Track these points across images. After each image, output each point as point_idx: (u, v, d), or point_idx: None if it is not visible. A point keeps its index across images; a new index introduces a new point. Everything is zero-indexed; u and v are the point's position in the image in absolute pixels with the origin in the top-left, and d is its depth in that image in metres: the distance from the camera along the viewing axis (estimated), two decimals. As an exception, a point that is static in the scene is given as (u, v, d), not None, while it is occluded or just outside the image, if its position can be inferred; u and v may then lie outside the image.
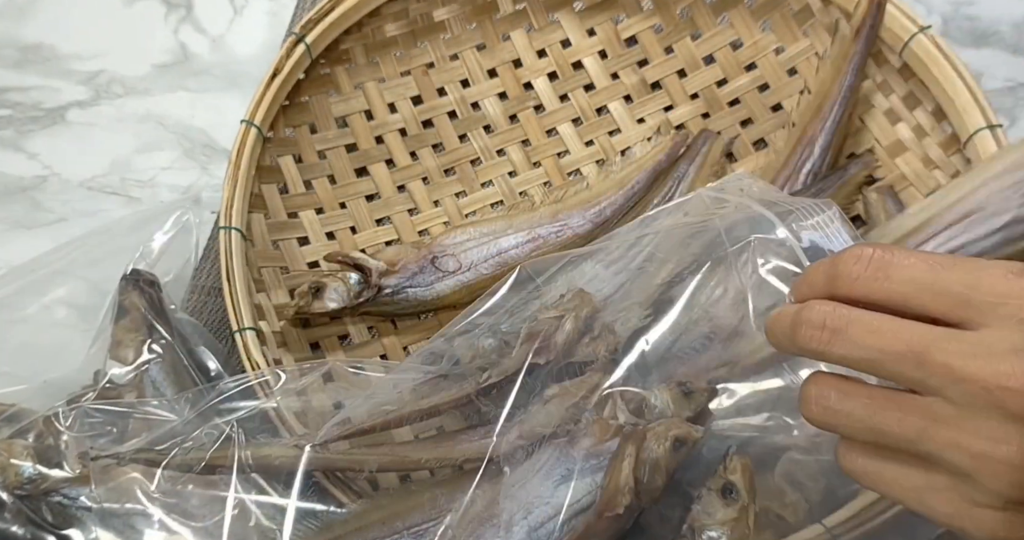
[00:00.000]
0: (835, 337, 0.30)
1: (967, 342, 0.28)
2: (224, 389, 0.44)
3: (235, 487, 0.42)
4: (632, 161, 0.56)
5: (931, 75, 0.51)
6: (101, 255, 0.55)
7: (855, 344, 0.30)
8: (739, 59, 0.59)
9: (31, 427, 0.45)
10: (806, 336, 0.31)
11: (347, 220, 0.56)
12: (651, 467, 0.37)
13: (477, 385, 0.41)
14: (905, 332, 0.29)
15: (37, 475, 0.44)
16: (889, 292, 0.30)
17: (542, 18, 0.61)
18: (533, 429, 0.39)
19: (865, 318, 0.30)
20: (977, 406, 0.27)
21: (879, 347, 0.29)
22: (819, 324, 0.30)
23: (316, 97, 0.57)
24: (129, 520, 0.43)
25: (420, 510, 0.40)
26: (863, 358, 0.30)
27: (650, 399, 0.39)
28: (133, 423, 0.44)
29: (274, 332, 0.50)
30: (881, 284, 0.30)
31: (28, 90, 0.62)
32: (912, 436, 0.29)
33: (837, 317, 0.30)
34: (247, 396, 0.44)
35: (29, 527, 0.44)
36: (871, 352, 0.29)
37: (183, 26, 0.65)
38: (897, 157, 0.55)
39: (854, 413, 0.30)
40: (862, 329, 0.30)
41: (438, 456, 0.40)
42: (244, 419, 0.44)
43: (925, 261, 0.30)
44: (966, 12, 0.63)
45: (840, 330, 0.30)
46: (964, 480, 0.28)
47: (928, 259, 0.30)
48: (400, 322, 0.54)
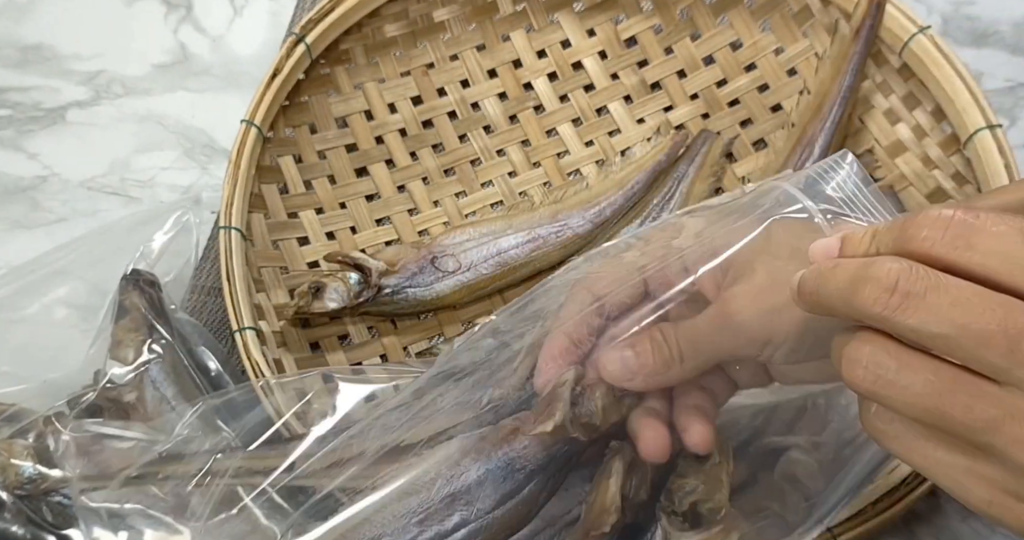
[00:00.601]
0: (908, 302, 0.25)
1: None
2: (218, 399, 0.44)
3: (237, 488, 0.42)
4: (632, 161, 0.56)
5: (931, 75, 0.51)
6: (101, 255, 0.55)
7: (934, 315, 0.25)
8: (739, 59, 0.59)
9: (31, 427, 0.45)
10: (870, 297, 0.25)
11: (347, 220, 0.56)
12: (637, 481, 0.35)
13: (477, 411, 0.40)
14: (998, 310, 0.24)
15: (37, 475, 0.44)
16: (971, 263, 0.25)
17: (542, 19, 0.61)
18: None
19: (951, 285, 0.25)
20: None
21: (964, 322, 0.24)
22: (889, 285, 0.25)
23: (316, 97, 0.57)
24: (128, 519, 0.43)
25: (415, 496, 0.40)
26: (940, 333, 0.25)
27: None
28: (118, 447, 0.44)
29: (274, 332, 0.50)
30: (962, 253, 0.25)
31: (28, 90, 0.62)
32: (979, 427, 0.25)
33: (916, 279, 0.25)
34: (247, 402, 0.44)
35: (29, 527, 0.44)
36: (952, 327, 0.24)
37: (183, 26, 0.65)
38: (897, 157, 0.55)
39: (912, 388, 0.26)
40: (945, 298, 0.25)
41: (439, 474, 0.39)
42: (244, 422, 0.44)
43: (1020, 230, 0.25)
44: (966, 12, 0.63)
45: (916, 295, 0.25)
46: (1019, 476, 0.25)
47: (1019, 224, 0.25)
48: (400, 322, 0.54)
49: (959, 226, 0.25)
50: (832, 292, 0.27)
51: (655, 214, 0.54)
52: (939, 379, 0.25)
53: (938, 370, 0.25)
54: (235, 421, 0.44)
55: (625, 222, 0.54)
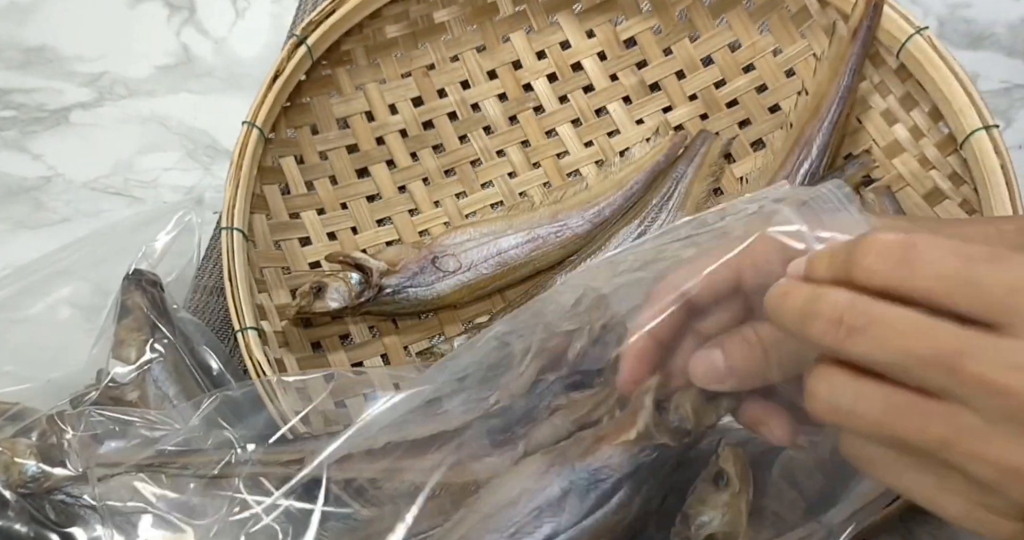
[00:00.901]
0: (853, 335, 0.27)
1: (1005, 351, 0.25)
2: (227, 396, 0.44)
3: (239, 486, 0.42)
4: (631, 162, 0.56)
5: (928, 76, 0.52)
6: (104, 255, 0.55)
7: (877, 345, 0.27)
8: (737, 60, 0.60)
9: (35, 426, 0.46)
10: (819, 330, 0.28)
11: (348, 220, 0.57)
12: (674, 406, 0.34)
13: (484, 411, 0.40)
14: (935, 334, 0.26)
15: (41, 474, 0.44)
16: (914, 287, 0.27)
17: (542, 20, 0.61)
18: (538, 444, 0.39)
19: (889, 316, 0.27)
20: (1010, 420, 0.25)
21: (904, 350, 0.26)
22: (835, 319, 0.27)
23: (317, 98, 0.58)
24: (131, 518, 0.43)
25: (426, 517, 0.40)
26: (885, 361, 0.27)
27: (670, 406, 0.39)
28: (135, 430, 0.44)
29: (276, 332, 0.51)
30: (905, 279, 0.27)
31: (32, 92, 0.63)
32: (933, 446, 0.26)
33: (857, 313, 0.27)
34: (252, 402, 0.45)
35: (32, 525, 0.44)
36: (895, 355, 0.26)
37: (186, 28, 0.65)
38: (894, 157, 0.55)
39: (868, 416, 0.27)
40: (885, 329, 0.26)
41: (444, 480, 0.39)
42: (247, 422, 0.45)
43: (957, 254, 0.26)
44: (962, 14, 0.63)
45: (859, 329, 0.27)
46: (983, 489, 0.26)
47: (960, 251, 0.26)
48: (401, 322, 0.55)
49: (900, 252, 0.27)
50: (786, 321, 0.29)
51: (654, 214, 0.54)
52: (892, 404, 0.27)
53: (890, 395, 0.27)
54: (244, 418, 0.45)
55: (624, 222, 0.54)
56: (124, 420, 0.45)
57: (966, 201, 0.52)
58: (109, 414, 0.45)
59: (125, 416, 0.45)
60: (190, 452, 0.43)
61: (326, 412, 0.45)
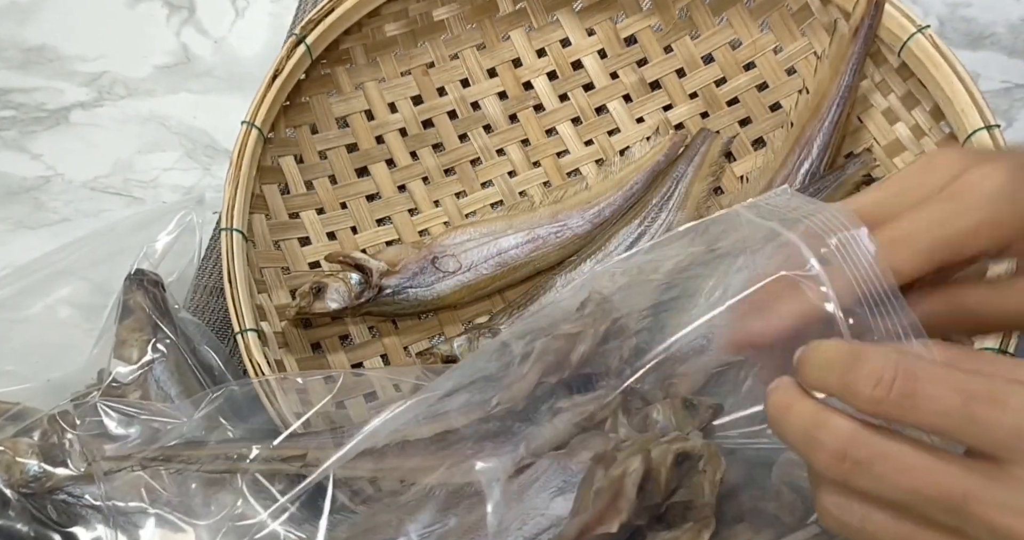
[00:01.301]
0: (858, 470, 0.27)
1: (1009, 492, 0.26)
2: (230, 392, 0.45)
3: (241, 487, 0.42)
4: (631, 162, 0.56)
5: (929, 75, 0.51)
6: (104, 255, 0.55)
7: (882, 482, 0.27)
8: (738, 58, 0.59)
9: (36, 426, 0.46)
10: (823, 462, 0.28)
11: (348, 220, 0.57)
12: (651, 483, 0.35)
13: (486, 412, 0.40)
14: (940, 474, 0.26)
15: (42, 473, 0.44)
16: (918, 422, 0.27)
17: (541, 18, 0.61)
18: (540, 446, 0.39)
19: (892, 453, 0.27)
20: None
21: (911, 489, 0.27)
22: (838, 453, 0.27)
23: (317, 97, 0.58)
24: (133, 518, 0.43)
25: (426, 513, 0.40)
26: (892, 498, 0.27)
27: (653, 413, 0.38)
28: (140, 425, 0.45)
29: (275, 333, 0.51)
30: (908, 414, 0.27)
31: (31, 91, 0.63)
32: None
33: (859, 448, 0.27)
34: (255, 399, 0.45)
35: (34, 525, 0.44)
36: (901, 493, 0.27)
37: (185, 28, 0.65)
38: (895, 156, 0.55)
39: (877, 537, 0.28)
40: (890, 467, 0.27)
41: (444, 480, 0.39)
42: (251, 418, 0.45)
43: (957, 390, 0.27)
44: (962, 14, 0.63)
45: (863, 464, 0.27)
46: None
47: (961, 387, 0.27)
48: (401, 322, 0.55)
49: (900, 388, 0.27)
50: (789, 441, 0.29)
51: (654, 214, 0.54)
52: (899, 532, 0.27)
53: (897, 524, 0.28)
54: (247, 415, 0.45)
55: (624, 222, 0.54)
56: (131, 413, 0.45)
57: (967, 200, 0.52)
58: (116, 406, 0.45)
59: (132, 409, 0.45)
60: (195, 446, 0.43)
61: (328, 413, 0.45)
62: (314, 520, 0.43)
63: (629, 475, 0.34)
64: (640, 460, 0.35)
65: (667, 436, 0.37)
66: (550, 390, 0.40)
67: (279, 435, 0.43)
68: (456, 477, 0.40)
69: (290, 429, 0.43)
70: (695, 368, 0.41)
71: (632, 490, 0.34)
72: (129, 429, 0.44)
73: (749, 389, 0.41)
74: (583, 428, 0.39)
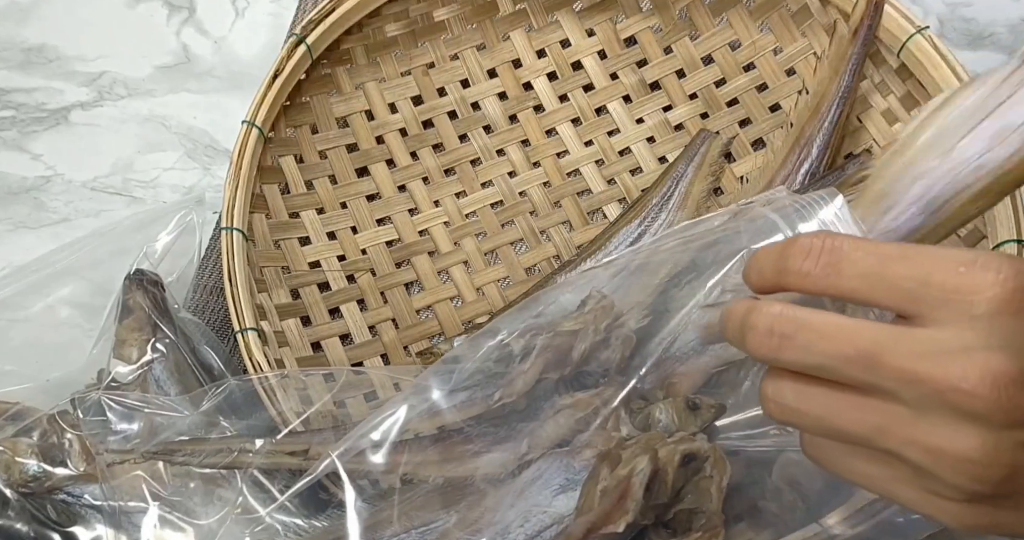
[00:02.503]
0: (784, 343, 0.29)
1: (918, 341, 0.27)
2: (231, 388, 0.45)
3: (241, 487, 0.42)
4: None
5: (929, 75, 0.51)
6: (104, 255, 0.55)
7: (805, 350, 0.29)
8: (737, 59, 0.60)
9: (35, 425, 0.46)
10: (755, 342, 0.30)
11: (348, 220, 0.57)
12: (658, 483, 0.35)
13: (487, 406, 0.40)
14: (855, 335, 0.28)
15: (42, 473, 0.44)
16: (839, 288, 0.29)
17: (542, 18, 0.61)
18: (542, 442, 0.39)
19: (814, 321, 0.29)
20: (931, 406, 0.27)
21: (829, 352, 0.28)
22: (767, 330, 0.29)
23: (317, 97, 0.58)
24: (133, 517, 0.44)
25: (428, 509, 0.40)
26: (814, 364, 0.29)
27: (656, 412, 0.38)
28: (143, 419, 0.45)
29: (275, 332, 0.51)
30: (832, 280, 0.29)
31: (31, 91, 0.63)
32: (870, 435, 0.29)
33: (784, 322, 0.29)
34: (253, 397, 0.45)
35: (33, 525, 0.44)
36: (821, 358, 0.29)
37: (185, 28, 0.65)
38: (895, 157, 0.55)
39: (811, 413, 0.30)
40: (811, 334, 0.29)
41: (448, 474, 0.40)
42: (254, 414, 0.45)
43: (874, 253, 0.29)
44: (962, 14, 0.63)
45: (788, 336, 0.29)
46: (923, 474, 0.28)
47: (878, 251, 0.29)
48: (401, 322, 0.55)
49: (827, 256, 0.29)
50: (731, 336, 0.32)
51: (654, 214, 0.54)
52: (829, 401, 0.29)
53: (827, 393, 0.29)
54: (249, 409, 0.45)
55: (624, 222, 0.54)
56: (134, 406, 0.45)
57: (966, 201, 0.52)
58: (119, 400, 0.45)
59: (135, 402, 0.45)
60: (197, 441, 0.43)
61: (330, 411, 0.45)
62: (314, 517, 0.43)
63: (636, 475, 0.35)
64: (648, 460, 0.35)
65: (674, 436, 0.37)
66: (552, 387, 0.40)
67: (278, 431, 0.43)
68: (457, 473, 0.40)
69: (293, 424, 0.43)
70: (695, 368, 0.42)
71: (639, 490, 0.34)
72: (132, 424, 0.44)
73: (748, 390, 0.41)
74: (585, 425, 0.39)
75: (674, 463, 0.35)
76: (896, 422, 0.28)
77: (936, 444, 0.27)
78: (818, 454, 0.32)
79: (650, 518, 0.35)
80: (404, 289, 0.56)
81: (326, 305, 0.54)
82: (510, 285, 0.56)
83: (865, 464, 0.30)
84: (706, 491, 0.36)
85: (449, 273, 0.56)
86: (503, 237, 0.57)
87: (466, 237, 0.57)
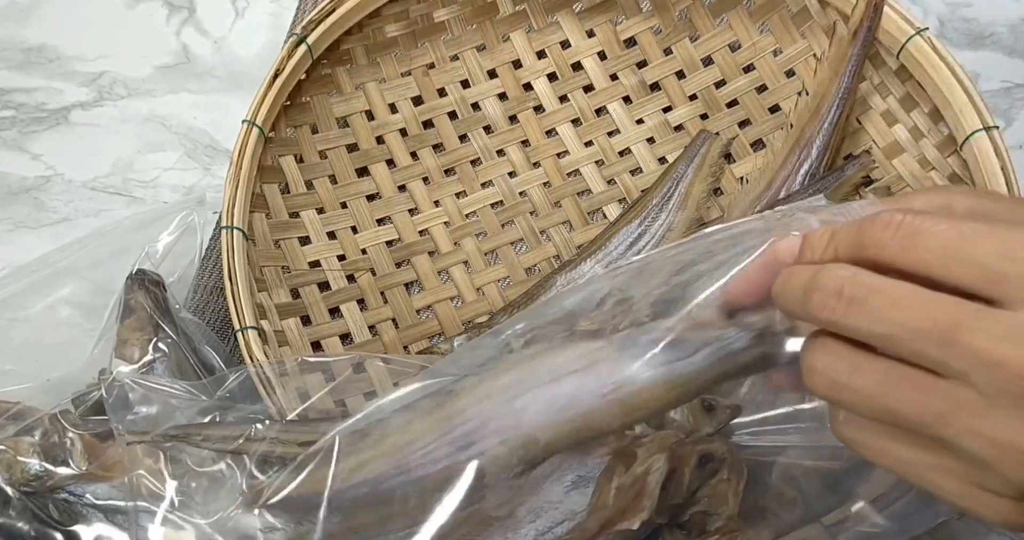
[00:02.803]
0: (852, 307, 0.27)
1: (999, 322, 0.25)
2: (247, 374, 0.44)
3: (242, 487, 0.42)
4: None
5: (928, 77, 0.52)
6: (104, 255, 0.55)
7: (874, 316, 0.26)
8: (737, 60, 0.60)
9: (37, 425, 0.46)
10: (819, 303, 0.28)
11: (348, 220, 0.57)
12: (674, 483, 0.35)
13: None
14: (932, 306, 0.26)
15: (43, 472, 0.44)
16: (914, 260, 0.27)
17: (542, 19, 0.61)
18: None
19: (888, 287, 0.27)
20: (1005, 394, 0.25)
21: (901, 321, 0.26)
22: (836, 291, 0.27)
23: (317, 97, 0.58)
24: (133, 517, 0.44)
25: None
26: (881, 333, 0.26)
27: (670, 412, 0.38)
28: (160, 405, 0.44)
29: (276, 331, 0.51)
30: (908, 254, 0.27)
31: (31, 91, 0.63)
32: (928, 420, 0.26)
33: (857, 284, 0.27)
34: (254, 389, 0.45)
35: (35, 524, 0.44)
36: (891, 327, 0.26)
37: (185, 28, 0.65)
38: (894, 158, 0.55)
39: (864, 389, 0.27)
40: (883, 300, 0.26)
41: None
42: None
43: (957, 228, 0.26)
44: (962, 14, 0.63)
45: (859, 299, 0.27)
46: (979, 466, 0.26)
47: (962, 226, 0.26)
48: (401, 322, 0.55)
49: (907, 228, 0.27)
50: (790, 298, 0.29)
51: (654, 214, 0.54)
52: (888, 378, 0.27)
53: (887, 370, 0.27)
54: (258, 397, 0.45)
55: (624, 222, 0.54)
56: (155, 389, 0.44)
57: (965, 202, 0.52)
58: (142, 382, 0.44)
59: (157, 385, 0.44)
60: (210, 425, 0.43)
61: (328, 411, 0.45)
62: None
63: (653, 473, 0.35)
64: (665, 459, 0.35)
65: (691, 436, 0.37)
66: None
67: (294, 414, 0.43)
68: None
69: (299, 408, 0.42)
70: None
71: (656, 488, 0.34)
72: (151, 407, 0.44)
73: (751, 390, 0.41)
74: None
75: (691, 463, 0.35)
76: (961, 409, 0.26)
77: (1005, 437, 0.25)
78: (852, 434, 0.29)
79: (665, 517, 0.35)
80: (404, 289, 0.56)
81: (326, 305, 0.54)
82: (510, 285, 0.56)
83: (906, 449, 0.28)
84: (723, 495, 0.36)
85: (449, 273, 0.56)
86: (503, 237, 0.57)
87: (466, 237, 0.57)
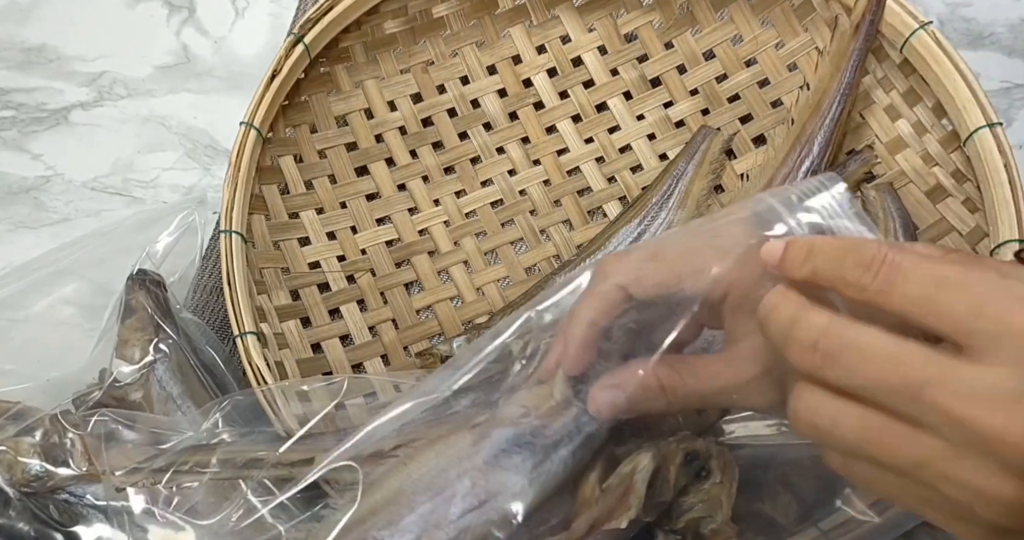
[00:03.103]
0: (827, 362, 0.28)
1: (966, 380, 0.26)
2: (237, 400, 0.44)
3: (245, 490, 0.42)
4: None
5: (931, 71, 0.51)
6: (105, 255, 0.55)
7: (848, 372, 0.28)
8: (739, 54, 0.59)
9: (37, 425, 0.46)
10: (798, 355, 0.29)
11: (348, 220, 0.57)
12: (660, 481, 0.35)
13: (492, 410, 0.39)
14: (902, 363, 0.27)
15: (44, 473, 0.44)
16: (891, 305, 0.28)
17: (541, 14, 0.60)
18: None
19: (860, 342, 0.28)
20: (972, 446, 0.26)
21: (873, 377, 0.28)
22: (811, 344, 0.29)
23: (316, 96, 0.57)
24: (135, 517, 0.44)
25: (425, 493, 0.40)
26: (857, 386, 0.28)
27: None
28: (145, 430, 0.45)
29: (275, 334, 0.51)
30: (886, 296, 0.28)
31: (32, 91, 0.63)
32: (906, 466, 0.28)
33: (830, 339, 0.28)
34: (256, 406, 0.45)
35: (35, 524, 0.44)
36: (865, 381, 0.28)
37: (185, 28, 0.65)
38: (897, 153, 0.55)
39: (846, 436, 0.29)
40: (855, 356, 0.28)
41: None
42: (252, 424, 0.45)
43: (933, 276, 0.28)
44: (962, 14, 0.63)
45: (833, 355, 0.28)
46: (958, 504, 0.28)
47: (937, 273, 0.28)
48: (401, 322, 0.55)
49: (885, 272, 0.28)
50: (772, 338, 0.31)
51: (654, 213, 0.54)
52: (866, 426, 0.28)
53: (864, 417, 0.28)
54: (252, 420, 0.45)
55: (624, 222, 0.54)
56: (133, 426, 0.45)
57: (969, 199, 0.52)
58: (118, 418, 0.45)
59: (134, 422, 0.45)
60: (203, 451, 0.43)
61: (331, 416, 0.45)
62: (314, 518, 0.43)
63: (639, 471, 0.35)
64: (650, 457, 0.35)
65: (676, 435, 0.37)
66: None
67: (283, 439, 0.43)
68: None
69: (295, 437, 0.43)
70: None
71: (642, 487, 0.35)
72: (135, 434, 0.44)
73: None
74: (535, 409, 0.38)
75: (676, 461, 0.35)
76: (935, 457, 0.27)
77: (975, 484, 0.27)
78: (842, 469, 0.31)
79: (652, 515, 0.35)
80: (404, 289, 0.56)
81: (326, 306, 0.54)
82: (510, 285, 0.56)
83: (896, 485, 0.29)
84: (717, 498, 0.36)
85: (449, 273, 0.56)
86: (503, 237, 0.57)
87: (466, 237, 0.57)
